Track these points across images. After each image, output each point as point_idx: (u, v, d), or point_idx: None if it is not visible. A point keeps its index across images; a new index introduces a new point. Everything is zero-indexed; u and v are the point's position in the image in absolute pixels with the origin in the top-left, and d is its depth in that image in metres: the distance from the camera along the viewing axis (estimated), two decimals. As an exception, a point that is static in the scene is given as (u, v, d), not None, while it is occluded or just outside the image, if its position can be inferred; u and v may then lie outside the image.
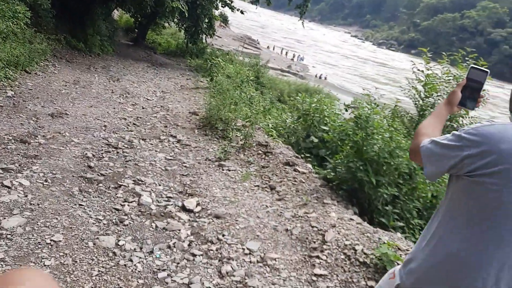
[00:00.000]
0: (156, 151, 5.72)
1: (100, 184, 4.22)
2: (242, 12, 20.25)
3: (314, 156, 6.96)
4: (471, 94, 1.67)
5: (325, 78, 45.57)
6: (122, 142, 5.76)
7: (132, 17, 21.44)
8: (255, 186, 4.94)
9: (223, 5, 19.92)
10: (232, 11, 20.13)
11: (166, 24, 25.76)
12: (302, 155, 6.63)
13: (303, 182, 4.93)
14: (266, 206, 4.33)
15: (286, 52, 57.04)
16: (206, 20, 19.10)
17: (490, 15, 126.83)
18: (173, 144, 6.19)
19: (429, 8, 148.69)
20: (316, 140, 6.96)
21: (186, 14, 14.05)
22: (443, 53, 6.71)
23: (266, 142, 6.19)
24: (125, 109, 7.78)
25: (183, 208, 4.02)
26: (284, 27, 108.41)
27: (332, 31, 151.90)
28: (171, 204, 4.09)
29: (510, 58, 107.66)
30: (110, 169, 4.70)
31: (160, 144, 6.08)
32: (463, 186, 1.36)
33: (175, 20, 18.70)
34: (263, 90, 14.76)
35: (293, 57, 55.55)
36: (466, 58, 6.58)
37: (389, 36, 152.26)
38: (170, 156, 5.62)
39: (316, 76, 45.35)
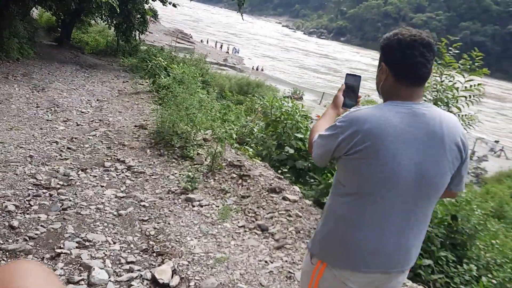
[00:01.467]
0: (102, 186, 4.44)
1: (30, 257, 2.94)
2: (174, 6, 18.80)
3: (290, 168, 5.99)
4: (350, 96, 1.87)
5: (262, 70, 45.30)
6: (56, 178, 4.42)
7: (53, 15, 19.26)
8: (240, 227, 3.83)
9: (154, -1, 18.41)
10: (164, 5, 18.63)
11: (93, 21, 23.67)
12: (280, 171, 5.63)
13: (300, 217, 3.90)
14: (266, 261, 3.24)
15: (221, 45, 55.85)
16: (139, 16, 17.48)
17: (410, 1, 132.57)
18: (123, 172, 4.92)
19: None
20: (292, 151, 5.97)
21: (118, 10, 12.48)
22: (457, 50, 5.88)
23: (238, 161, 5.09)
24: (56, 129, 6.34)
25: (155, 283, 2.85)
26: (218, 20, 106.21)
27: (264, 22, 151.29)
28: (137, 277, 2.90)
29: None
30: (42, 225, 3.40)
31: (106, 174, 4.79)
32: (343, 164, 1.60)
33: (104, 16, 16.93)
34: (208, 89, 13.57)
35: (228, 50, 54.45)
36: (450, 48, 5.83)
37: (318, 24, 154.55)
38: (122, 192, 4.37)
39: (253, 68, 44.89)
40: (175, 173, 5.00)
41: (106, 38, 23.13)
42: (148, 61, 12.77)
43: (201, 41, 54.34)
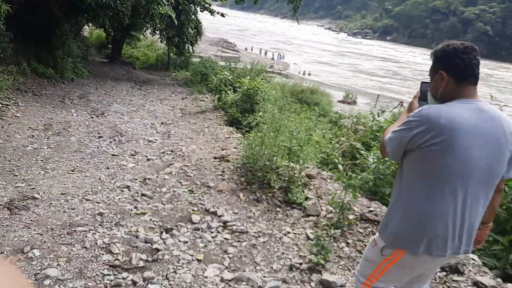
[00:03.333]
0: (198, 260, 3.21)
1: None
2: (222, 15, 17.81)
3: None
4: (423, 101, 1.99)
5: (309, 74, 43.95)
6: (136, 248, 3.25)
7: (104, 32, 18.79)
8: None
9: (202, 10, 17.39)
10: (212, 15, 17.64)
11: (142, 36, 23.23)
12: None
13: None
14: None
15: (266, 52, 54.95)
16: (192, 27, 16.58)
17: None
18: (219, 233, 3.67)
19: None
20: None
21: (175, 21, 11.51)
22: None
23: (371, 211, 3.73)
24: (124, 167, 5.24)
25: None
26: (264, 28, 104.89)
27: (316, 28, 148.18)
28: None
29: (485, 35, 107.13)
30: None
31: (198, 236, 3.57)
32: (417, 157, 1.75)
33: (157, 30, 16.14)
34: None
35: (273, 56, 53.47)
36: None
37: (362, 25, 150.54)
38: (227, 269, 3.12)
39: (299, 73, 43.59)
40: (289, 233, 3.71)
41: (155, 52, 22.56)
42: (210, 76, 11.70)
43: (245, 49, 53.92)
